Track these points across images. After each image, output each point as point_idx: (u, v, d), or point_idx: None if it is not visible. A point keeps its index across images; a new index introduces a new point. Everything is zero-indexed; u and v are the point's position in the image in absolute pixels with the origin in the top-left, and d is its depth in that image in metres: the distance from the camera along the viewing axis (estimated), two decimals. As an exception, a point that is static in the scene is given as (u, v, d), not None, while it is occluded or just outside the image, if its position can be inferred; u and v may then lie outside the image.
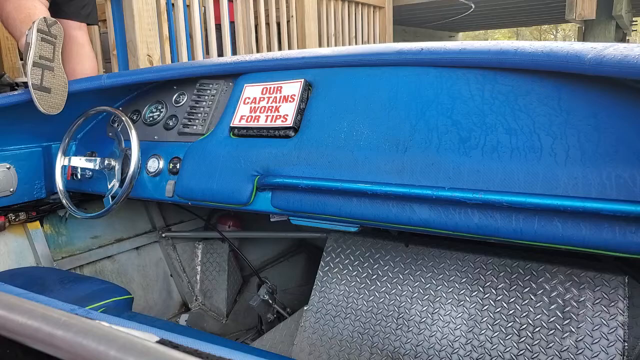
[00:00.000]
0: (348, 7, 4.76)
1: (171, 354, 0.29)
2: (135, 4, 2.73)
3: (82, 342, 0.29)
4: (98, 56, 3.51)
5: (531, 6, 6.88)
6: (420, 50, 1.12)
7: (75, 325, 0.30)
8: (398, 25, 6.23)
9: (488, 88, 1.03)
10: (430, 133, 1.05)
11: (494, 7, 6.82)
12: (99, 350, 0.28)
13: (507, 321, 1.33)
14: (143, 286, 2.01)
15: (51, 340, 0.30)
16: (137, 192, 1.44)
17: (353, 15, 4.86)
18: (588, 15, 4.90)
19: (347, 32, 4.79)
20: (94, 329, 0.30)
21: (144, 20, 2.77)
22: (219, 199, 1.28)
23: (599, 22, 5.55)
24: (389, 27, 5.35)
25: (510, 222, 0.93)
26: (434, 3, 5.90)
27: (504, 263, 1.39)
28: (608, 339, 1.21)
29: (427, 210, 1.01)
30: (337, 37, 4.62)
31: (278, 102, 1.29)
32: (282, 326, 1.66)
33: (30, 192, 1.62)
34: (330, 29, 4.52)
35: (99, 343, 0.28)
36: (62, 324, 0.30)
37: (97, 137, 1.65)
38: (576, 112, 0.92)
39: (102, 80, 1.52)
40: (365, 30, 5.07)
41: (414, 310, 1.46)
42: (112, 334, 0.29)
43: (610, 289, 1.24)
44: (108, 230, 1.94)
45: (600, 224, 0.85)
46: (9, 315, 0.32)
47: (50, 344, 0.30)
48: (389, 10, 5.38)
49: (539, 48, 0.95)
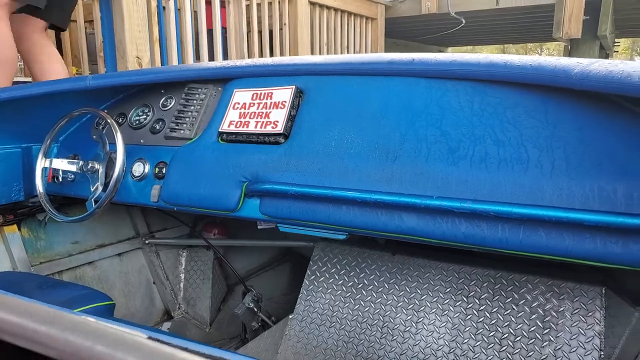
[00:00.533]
0: (341, 17, 4.81)
1: (163, 349, 0.28)
2: (125, 4, 2.71)
3: (68, 338, 0.28)
4: (84, 57, 3.48)
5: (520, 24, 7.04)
6: (412, 60, 1.13)
7: (61, 321, 0.29)
8: (389, 37, 6.29)
9: (477, 100, 1.05)
10: (420, 143, 1.06)
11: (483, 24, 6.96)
12: (86, 346, 0.27)
13: (489, 330, 1.34)
14: (125, 293, 1.96)
15: (37, 337, 0.29)
16: (122, 197, 1.41)
17: (346, 25, 4.91)
18: (574, 34, 5.03)
19: (340, 42, 4.83)
20: (81, 325, 0.28)
21: (134, 22, 2.75)
22: (206, 205, 1.27)
23: (585, 42, 5.70)
24: (380, 38, 5.42)
25: (497, 231, 0.94)
26: (425, 16, 5.99)
27: (488, 274, 1.40)
28: (585, 348, 1.22)
29: (415, 219, 1.01)
30: (330, 47, 4.66)
31: (268, 108, 1.28)
32: (267, 334, 1.64)
33: (8, 195, 1.57)
34: (322, 38, 4.55)
35: (85, 338, 0.27)
36: (48, 320, 0.29)
37: (80, 139, 1.62)
38: (562, 125, 0.94)
39: (87, 82, 1.50)
40: (357, 41, 5.12)
41: (399, 319, 1.45)
42: (100, 330, 0.28)
43: (588, 300, 1.26)
44: (89, 235, 1.90)
45: (583, 234, 0.87)
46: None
47: (36, 341, 0.29)
48: (381, 22, 5.45)
49: (527, 62, 0.97)
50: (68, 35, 3.54)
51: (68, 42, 3.55)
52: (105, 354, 0.26)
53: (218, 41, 3.43)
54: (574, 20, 4.96)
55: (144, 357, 0.27)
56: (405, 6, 5.94)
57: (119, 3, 2.72)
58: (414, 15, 5.95)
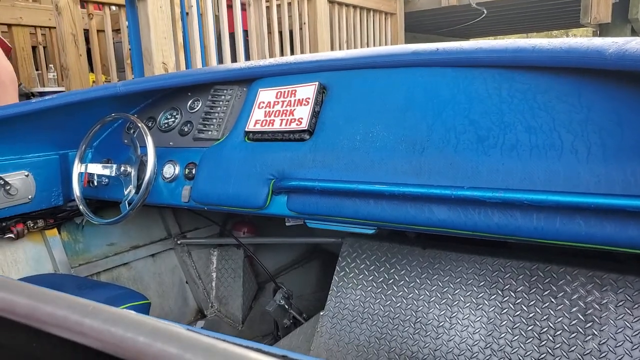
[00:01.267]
0: (360, 14, 4.79)
1: (202, 339, 0.28)
2: (151, 12, 2.77)
3: (110, 329, 0.29)
4: (112, 66, 3.58)
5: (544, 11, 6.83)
6: (436, 50, 1.12)
7: (103, 313, 0.29)
8: (409, 32, 6.21)
9: (505, 87, 1.02)
10: (448, 133, 1.04)
11: (506, 13, 6.79)
12: (127, 337, 0.28)
13: (527, 324, 1.31)
14: (159, 293, 2.01)
15: (80, 329, 0.30)
16: (154, 198, 1.45)
17: (365, 22, 4.88)
18: (603, 18, 4.84)
19: (359, 39, 4.81)
20: (122, 317, 0.29)
21: (159, 29, 2.82)
22: (235, 204, 1.28)
23: (615, 26, 5.48)
24: (400, 33, 5.36)
25: (531, 220, 0.92)
26: (445, 9, 5.89)
27: (523, 266, 1.37)
28: (632, 342, 1.18)
29: (446, 211, 1.00)
30: (350, 44, 4.64)
31: (292, 106, 1.29)
32: (299, 331, 1.64)
33: (48, 200, 1.63)
34: (342, 35, 4.54)
35: (126, 330, 0.28)
36: (90, 312, 0.30)
37: (113, 144, 1.66)
38: (597, 109, 0.91)
39: (118, 88, 1.54)
40: (377, 37, 5.08)
41: (432, 314, 1.43)
42: (139, 321, 0.29)
43: (634, 291, 1.21)
44: (124, 237, 1.95)
45: (625, 221, 0.83)
46: (36, 304, 0.32)
47: (79, 332, 0.30)
48: (401, 16, 5.39)
49: (557, 45, 0.94)
50: (97, 45, 3.64)
51: (97, 51, 3.65)
52: (147, 344, 0.27)
53: (240, 44, 3.47)
54: (602, 3, 4.77)
55: (184, 347, 0.27)
56: (425, 0, 5.85)
57: (144, 11, 2.78)
58: (434, 8, 5.85)
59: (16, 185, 1.52)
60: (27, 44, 4.18)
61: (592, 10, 4.79)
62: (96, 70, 3.81)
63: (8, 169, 1.51)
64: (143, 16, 2.80)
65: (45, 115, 1.51)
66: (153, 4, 2.78)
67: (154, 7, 2.79)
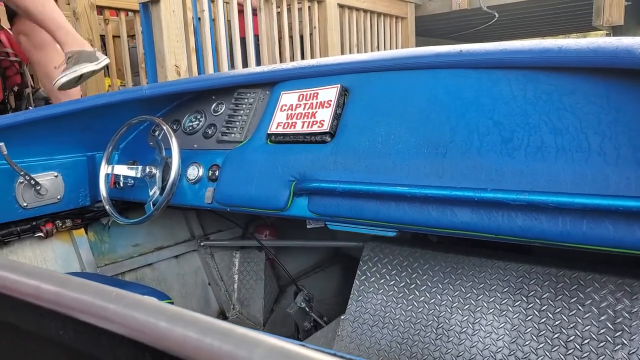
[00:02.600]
0: (370, 17, 4.77)
1: (223, 324, 0.29)
2: (164, 17, 2.84)
3: (133, 315, 0.29)
4: (127, 70, 3.66)
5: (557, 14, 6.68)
6: (459, 52, 1.11)
7: (126, 299, 0.30)
8: (420, 36, 6.15)
9: (531, 88, 1.00)
10: (471, 135, 1.03)
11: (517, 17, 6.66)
12: (149, 322, 0.29)
13: (553, 332, 1.27)
14: (182, 294, 2.04)
15: (104, 314, 0.30)
16: (178, 199, 1.47)
17: (375, 25, 4.86)
18: (616, 20, 4.72)
19: (370, 43, 4.79)
20: (143, 303, 0.30)
21: (172, 32, 2.88)
22: (257, 205, 1.29)
23: (628, 28, 5.33)
24: (411, 37, 5.31)
25: (557, 224, 0.90)
26: (456, 13, 5.81)
27: (549, 272, 1.34)
28: None
29: (469, 213, 0.98)
30: (360, 48, 4.63)
31: (314, 108, 1.29)
32: (319, 335, 1.64)
33: (76, 200, 1.68)
34: (352, 39, 4.53)
35: (148, 315, 0.29)
36: (114, 298, 0.31)
37: (138, 146, 1.70)
38: (627, 109, 0.89)
39: (143, 91, 1.57)
40: (387, 41, 5.05)
41: (454, 320, 1.41)
42: (161, 307, 0.30)
43: None
44: (148, 238, 1.99)
45: None
46: (62, 290, 0.33)
47: (103, 318, 0.30)
48: (412, 21, 5.35)
49: (584, 45, 0.92)
50: (113, 50, 3.73)
51: (113, 56, 3.74)
52: (168, 329, 0.28)
53: (251, 48, 3.50)
54: (615, 6, 4.65)
55: (203, 331, 0.28)
56: (436, 4, 5.78)
57: (157, 16, 2.85)
58: (445, 12, 5.78)
59: (46, 186, 1.57)
60: None
61: (605, 12, 4.68)
62: (112, 75, 3.90)
63: (38, 170, 1.56)
64: (156, 20, 2.87)
65: (74, 117, 1.55)
66: (166, 9, 2.85)
67: (167, 11, 2.86)
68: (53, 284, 0.34)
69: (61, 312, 0.33)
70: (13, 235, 1.57)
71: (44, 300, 0.33)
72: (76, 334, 0.33)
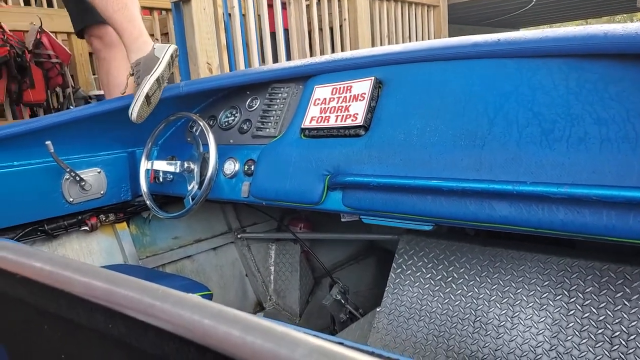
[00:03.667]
0: (401, 7, 4.68)
1: (265, 323, 0.30)
2: (195, 14, 2.88)
3: (179, 312, 0.31)
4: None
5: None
6: (498, 41, 1.08)
7: (172, 297, 0.32)
8: (454, 24, 5.97)
9: (573, 77, 0.97)
10: (510, 126, 1.00)
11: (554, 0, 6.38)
12: (194, 319, 0.30)
13: (597, 327, 1.23)
14: (220, 285, 2.09)
15: (152, 311, 0.32)
16: (215, 193, 1.50)
17: (407, 15, 4.77)
18: None
19: (401, 33, 4.71)
20: (189, 301, 0.31)
21: (203, 30, 2.92)
22: (292, 199, 1.31)
23: None
24: (444, 26, 5.19)
25: (601, 217, 0.86)
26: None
27: (592, 265, 1.29)
28: None
29: (508, 207, 0.96)
30: (391, 38, 4.56)
31: (348, 102, 1.29)
32: (355, 327, 1.65)
33: (118, 195, 1.74)
34: (383, 30, 4.47)
35: (193, 312, 0.30)
36: (160, 296, 0.32)
37: (176, 142, 1.74)
38: None
39: (180, 88, 1.61)
40: (419, 30, 4.95)
41: (492, 313, 1.39)
42: (206, 305, 0.31)
43: None
44: (188, 231, 2.05)
45: None
46: (113, 288, 0.35)
47: (151, 314, 0.32)
48: (444, 8, 5.22)
49: (633, 30, 0.88)
50: None
51: None
52: (212, 327, 0.29)
53: (281, 42, 3.51)
54: None
55: (246, 330, 0.29)
56: None
57: (189, 14, 2.90)
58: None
59: (90, 182, 1.64)
60: (85, 51, 4.44)
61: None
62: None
63: (82, 167, 1.63)
64: (188, 18, 2.91)
65: (114, 115, 1.61)
66: (197, 6, 2.88)
67: (198, 9, 2.90)
68: (104, 282, 0.36)
69: (111, 307, 0.35)
70: (61, 229, 1.65)
71: (96, 297, 0.35)
72: (126, 329, 0.35)
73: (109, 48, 2.17)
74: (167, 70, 1.56)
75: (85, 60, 4.52)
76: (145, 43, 1.62)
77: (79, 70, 4.46)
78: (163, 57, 1.55)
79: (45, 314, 0.43)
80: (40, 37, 3.90)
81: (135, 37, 1.64)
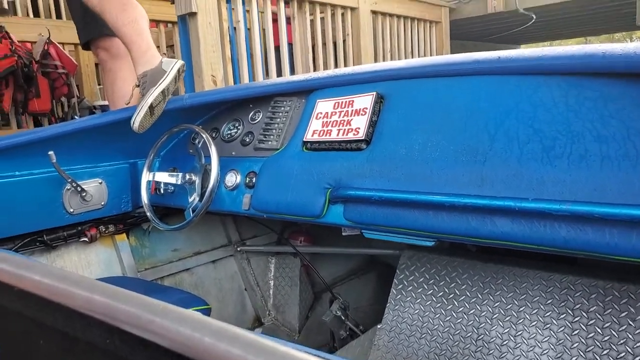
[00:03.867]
0: (404, 23, 4.72)
1: (265, 342, 0.29)
2: (201, 28, 2.91)
3: (178, 329, 0.30)
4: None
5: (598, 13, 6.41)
6: (498, 58, 1.08)
7: (172, 313, 0.31)
8: (456, 39, 6.02)
9: (573, 94, 0.97)
10: (511, 142, 1.00)
11: (557, 17, 6.43)
12: (195, 337, 0.29)
13: (601, 348, 1.22)
14: (219, 299, 2.07)
15: (151, 327, 0.32)
16: (216, 206, 1.50)
17: (409, 31, 4.81)
18: None
19: (404, 48, 4.74)
20: (189, 318, 0.31)
21: (208, 43, 2.95)
22: (293, 212, 1.30)
23: None
24: (446, 41, 5.23)
25: (604, 235, 0.86)
26: (492, 15, 5.67)
27: (596, 284, 1.28)
28: None
29: (510, 223, 0.96)
30: (394, 54, 4.59)
31: (350, 116, 1.30)
32: (355, 344, 1.63)
33: (119, 206, 1.74)
34: (386, 45, 4.50)
35: (193, 330, 0.30)
36: (160, 312, 0.32)
37: (178, 153, 1.75)
38: None
39: (184, 100, 1.62)
40: (422, 46, 4.99)
41: (495, 331, 1.37)
42: (206, 322, 0.30)
43: None
44: (187, 243, 2.04)
45: None
46: (112, 303, 0.34)
47: (150, 330, 0.31)
48: (446, 24, 5.26)
49: (632, 49, 0.88)
50: None
51: None
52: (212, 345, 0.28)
53: (285, 56, 3.54)
54: None
55: (247, 349, 0.28)
56: (470, 7, 5.66)
57: (195, 27, 2.93)
58: (480, 15, 5.65)
59: (91, 192, 1.63)
60: (91, 61, 4.48)
61: (648, 11, 4.46)
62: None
63: (84, 177, 1.63)
64: (193, 31, 2.94)
65: (117, 126, 1.61)
66: (203, 20, 2.92)
67: (204, 23, 2.93)
68: (102, 296, 0.35)
69: (109, 322, 0.34)
70: (60, 239, 1.64)
71: (94, 311, 0.35)
72: (123, 344, 0.34)
73: (115, 59, 2.19)
74: (172, 83, 1.57)
75: (91, 71, 4.57)
76: (153, 56, 1.64)
77: (84, 81, 4.50)
78: (170, 71, 1.56)
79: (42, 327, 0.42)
80: (48, 48, 3.95)
81: (144, 51, 1.66)
